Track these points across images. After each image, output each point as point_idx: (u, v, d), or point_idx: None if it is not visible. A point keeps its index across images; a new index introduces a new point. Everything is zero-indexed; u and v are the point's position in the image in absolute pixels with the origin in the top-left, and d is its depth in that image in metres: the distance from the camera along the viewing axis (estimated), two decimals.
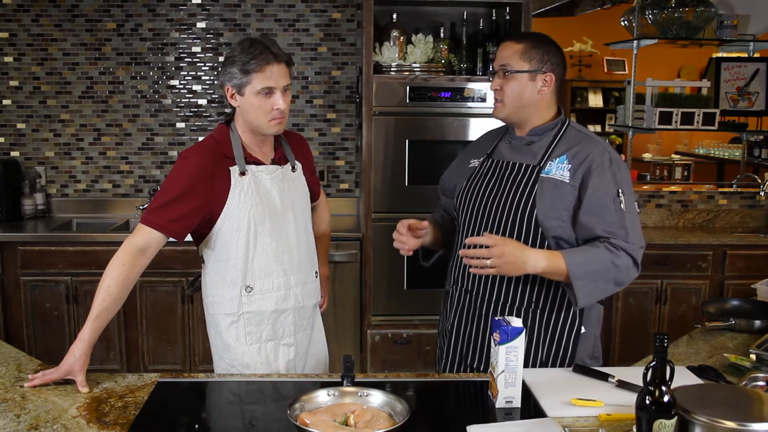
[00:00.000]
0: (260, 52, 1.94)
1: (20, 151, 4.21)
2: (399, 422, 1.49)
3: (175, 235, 1.95)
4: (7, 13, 4.06)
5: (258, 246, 2.04)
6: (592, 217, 1.90)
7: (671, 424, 1.34)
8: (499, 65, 2.02)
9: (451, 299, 2.16)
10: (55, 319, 3.68)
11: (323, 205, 2.45)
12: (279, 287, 2.08)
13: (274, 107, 1.97)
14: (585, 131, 2.05)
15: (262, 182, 2.04)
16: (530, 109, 2.02)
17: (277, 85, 1.96)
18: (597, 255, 1.87)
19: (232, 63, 1.96)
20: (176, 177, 1.96)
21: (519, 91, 1.99)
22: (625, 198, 1.93)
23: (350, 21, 4.17)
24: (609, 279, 1.89)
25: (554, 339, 2.01)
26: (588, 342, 2.04)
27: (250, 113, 1.99)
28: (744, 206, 4.31)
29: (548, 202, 1.94)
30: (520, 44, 2.00)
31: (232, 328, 2.07)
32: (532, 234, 1.96)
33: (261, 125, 2.00)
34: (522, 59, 1.98)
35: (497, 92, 2.03)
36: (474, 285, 2.06)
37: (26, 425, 1.55)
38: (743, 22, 4.28)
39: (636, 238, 1.92)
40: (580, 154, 1.96)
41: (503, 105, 2.02)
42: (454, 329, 2.13)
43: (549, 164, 1.98)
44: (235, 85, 1.97)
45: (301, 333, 2.16)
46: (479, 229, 2.05)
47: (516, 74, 1.98)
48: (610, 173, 1.93)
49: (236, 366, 2.07)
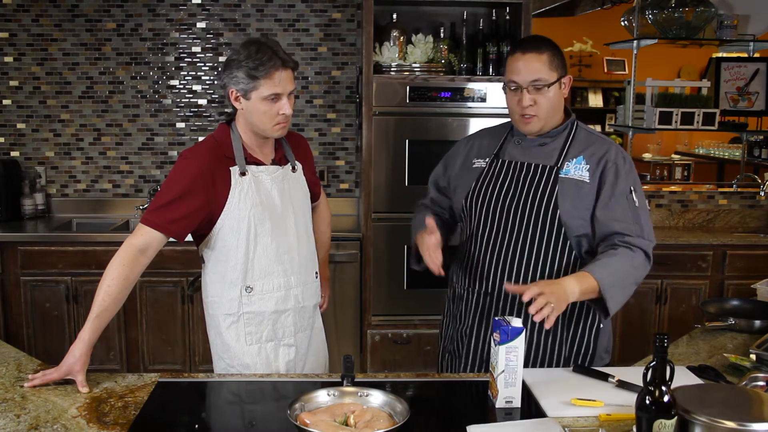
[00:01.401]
0: (268, 58, 1.91)
1: (20, 151, 4.21)
2: (399, 422, 1.49)
3: (175, 235, 1.94)
4: (7, 13, 4.06)
5: (258, 246, 2.03)
6: (609, 212, 1.95)
7: (671, 424, 1.34)
8: (530, 80, 1.96)
9: (467, 302, 2.13)
10: (55, 319, 3.68)
11: (323, 205, 2.44)
12: (279, 287, 2.08)
13: (280, 112, 1.97)
14: (593, 131, 2.09)
15: (262, 182, 2.04)
16: (557, 114, 2.04)
17: (284, 91, 1.95)
18: (618, 263, 1.90)
19: (237, 67, 1.93)
20: (177, 177, 1.96)
21: (555, 101, 2.00)
22: (637, 195, 1.98)
23: (350, 21, 4.17)
24: (631, 283, 1.93)
25: (576, 336, 2.04)
26: (605, 336, 2.08)
27: (255, 117, 1.98)
28: (744, 206, 4.31)
29: (570, 202, 1.97)
30: (543, 54, 1.97)
31: (233, 329, 2.07)
32: (555, 234, 1.98)
33: (265, 129, 2.00)
34: (551, 69, 1.97)
35: (531, 108, 1.98)
36: (495, 287, 2.05)
37: (26, 425, 1.55)
38: (743, 22, 4.28)
39: (649, 233, 1.98)
40: (596, 154, 2.00)
41: (538, 119, 2.00)
42: (474, 332, 2.10)
43: (567, 165, 2.00)
44: (240, 90, 1.96)
45: (302, 333, 2.16)
46: (496, 231, 2.04)
47: (551, 86, 1.97)
48: (624, 172, 1.98)
49: (236, 366, 2.07)
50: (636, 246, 1.93)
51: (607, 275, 1.86)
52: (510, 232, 2.02)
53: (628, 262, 1.91)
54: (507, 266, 2.03)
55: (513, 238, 2.02)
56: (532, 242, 2.00)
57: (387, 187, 3.67)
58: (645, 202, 2.02)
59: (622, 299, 1.92)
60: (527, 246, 2.01)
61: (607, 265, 1.88)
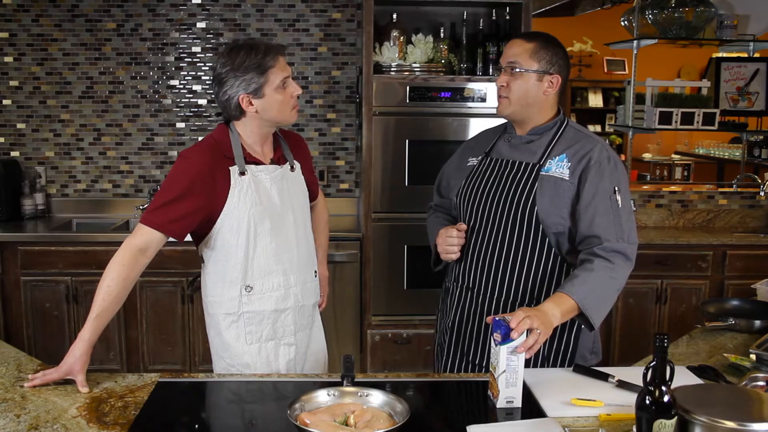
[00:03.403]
0: (266, 48, 1.97)
1: (20, 151, 4.21)
2: (399, 422, 1.49)
3: (175, 235, 1.94)
4: (7, 13, 4.06)
5: (258, 246, 2.03)
6: (590, 212, 1.93)
7: (671, 424, 1.34)
8: (507, 62, 2.01)
9: (451, 296, 2.17)
10: (55, 319, 3.68)
11: (321, 205, 2.45)
12: (279, 287, 2.08)
13: (293, 95, 2.02)
14: (583, 130, 2.08)
15: (261, 182, 2.04)
16: (534, 109, 2.03)
17: (289, 73, 2.02)
18: (596, 278, 1.86)
19: (243, 71, 1.94)
20: (176, 177, 1.96)
21: (525, 90, 2.00)
22: (621, 196, 1.95)
23: (350, 21, 4.17)
24: (612, 292, 1.91)
25: (555, 335, 2.01)
26: (588, 337, 2.05)
27: (274, 110, 2.00)
28: (744, 206, 4.31)
29: (548, 200, 1.96)
30: (530, 43, 2.01)
31: (233, 328, 2.07)
32: (533, 231, 1.98)
33: (285, 118, 2.04)
34: (531, 58, 1.99)
35: (503, 89, 2.02)
36: (476, 282, 2.07)
37: (26, 425, 1.55)
38: (743, 22, 4.28)
39: (630, 235, 1.94)
40: (579, 152, 1.99)
41: (509, 101, 2.02)
42: (455, 326, 2.13)
43: (549, 162, 2.00)
44: (252, 90, 1.96)
45: (301, 332, 2.16)
46: (480, 228, 2.06)
47: (524, 73, 1.99)
48: (607, 171, 1.96)
49: (236, 366, 2.07)
50: (616, 251, 1.89)
51: (585, 294, 1.83)
52: (491, 228, 2.04)
53: (606, 274, 1.87)
54: (487, 263, 2.04)
55: (493, 235, 2.03)
56: (511, 240, 2.01)
57: (387, 187, 3.67)
58: (630, 203, 1.99)
59: (604, 311, 1.90)
60: (506, 243, 2.01)
61: (585, 283, 1.85)
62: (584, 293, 1.84)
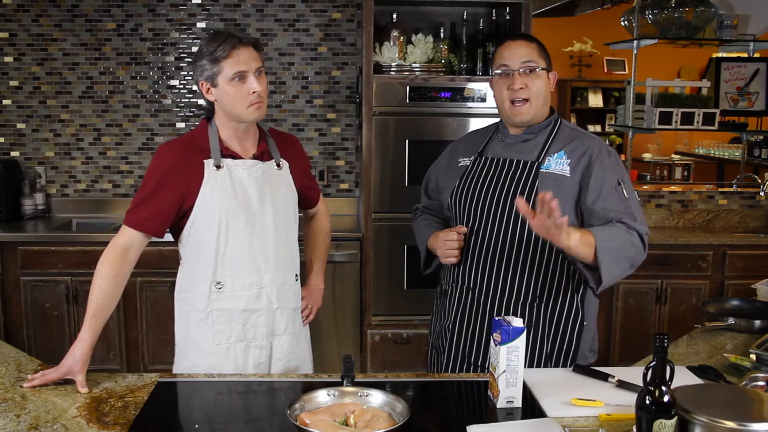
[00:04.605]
0: (224, 38, 1.93)
1: (20, 151, 4.21)
2: (399, 422, 1.49)
3: (153, 232, 1.95)
4: (7, 13, 4.06)
5: (230, 240, 1.98)
6: (601, 204, 1.94)
7: (671, 424, 1.34)
8: (522, 62, 1.99)
9: (450, 298, 2.16)
10: (55, 319, 3.68)
11: (323, 213, 2.38)
12: (251, 285, 2.02)
13: (250, 91, 1.94)
14: (578, 128, 2.10)
15: (238, 176, 2.00)
16: (545, 107, 2.05)
17: (249, 68, 1.94)
18: (618, 232, 1.89)
19: (200, 56, 1.95)
20: (150, 173, 1.97)
21: (544, 89, 2.02)
22: (626, 186, 1.98)
23: (350, 21, 4.17)
24: (627, 258, 1.91)
25: (558, 333, 2.03)
26: (588, 334, 2.07)
27: (227, 102, 1.96)
28: (744, 206, 4.31)
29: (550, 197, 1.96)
30: (533, 43, 2.04)
31: (201, 326, 2.01)
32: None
33: (240, 113, 1.97)
34: (540, 57, 2.02)
35: (522, 91, 1.98)
36: (476, 282, 2.06)
37: (26, 425, 1.55)
38: (743, 22, 4.28)
39: (642, 221, 1.97)
40: (578, 149, 2.00)
41: (530, 105, 2.00)
42: (456, 328, 2.12)
43: (547, 160, 2.01)
44: (207, 78, 1.96)
45: (277, 338, 2.08)
46: (479, 227, 2.05)
47: (540, 72, 2.00)
48: (609, 165, 1.99)
49: (201, 366, 2.00)
50: (634, 229, 1.92)
51: (605, 238, 1.85)
52: (492, 227, 2.03)
53: (627, 236, 1.89)
54: (488, 262, 2.04)
55: (494, 234, 2.03)
56: (512, 238, 2.01)
57: (387, 187, 3.67)
58: (634, 193, 2.02)
59: (615, 271, 1.88)
60: (508, 242, 2.01)
61: (606, 230, 1.88)
62: (604, 238, 1.85)
